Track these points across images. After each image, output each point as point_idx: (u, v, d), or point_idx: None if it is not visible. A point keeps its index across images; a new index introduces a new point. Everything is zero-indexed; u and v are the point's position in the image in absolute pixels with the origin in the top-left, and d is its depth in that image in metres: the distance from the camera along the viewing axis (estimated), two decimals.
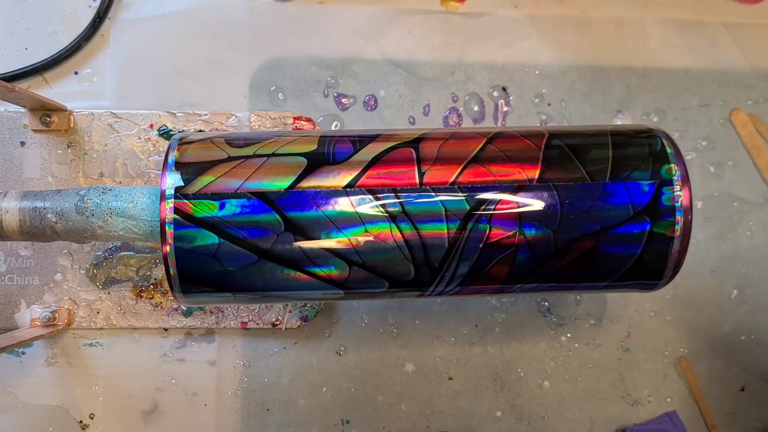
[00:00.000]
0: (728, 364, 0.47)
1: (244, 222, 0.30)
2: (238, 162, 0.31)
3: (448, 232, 0.31)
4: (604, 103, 0.47)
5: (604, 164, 0.32)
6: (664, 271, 0.32)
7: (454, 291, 0.32)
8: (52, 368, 0.44)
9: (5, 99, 0.39)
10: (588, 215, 0.31)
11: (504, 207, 0.31)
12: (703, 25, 0.48)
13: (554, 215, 0.31)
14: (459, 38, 0.47)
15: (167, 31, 0.45)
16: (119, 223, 0.33)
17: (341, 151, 0.32)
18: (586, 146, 0.32)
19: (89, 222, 0.33)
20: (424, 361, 0.45)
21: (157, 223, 0.33)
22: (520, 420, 0.46)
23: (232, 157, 0.32)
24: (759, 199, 0.47)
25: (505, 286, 0.32)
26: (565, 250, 0.31)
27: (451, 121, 0.46)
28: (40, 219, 0.33)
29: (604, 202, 0.31)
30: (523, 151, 0.32)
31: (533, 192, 0.31)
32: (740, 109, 0.48)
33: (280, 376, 0.45)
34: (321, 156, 0.32)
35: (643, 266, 0.32)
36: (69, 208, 0.33)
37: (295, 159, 0.31)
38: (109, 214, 0.33)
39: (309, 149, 0.32)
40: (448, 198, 0.31)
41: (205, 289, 0.31)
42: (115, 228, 0.33)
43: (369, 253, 0.31)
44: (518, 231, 0.31)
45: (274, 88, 0.46)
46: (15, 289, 0.43)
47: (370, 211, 0.30)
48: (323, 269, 0.31)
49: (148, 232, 0.33)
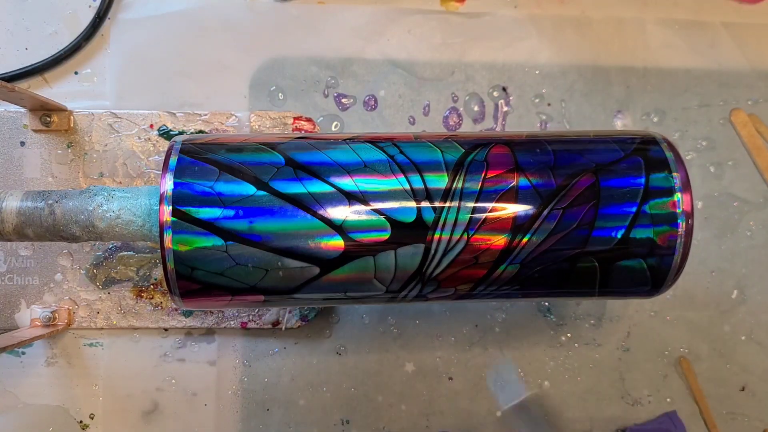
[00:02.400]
0: (728, 364, 0.47)
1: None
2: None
3: (446, 169, 0.32)
4: (604, 103, 0.47)
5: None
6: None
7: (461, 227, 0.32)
8: (52, 368, 0.44)
9: (5, 99, 0.39)
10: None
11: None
12: (703, 25, 0.48)
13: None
14: (459, 38, 0.47)
15: (167, 31, 0.46)
16: (119, 224, 0.33)
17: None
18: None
19: (88, 222, 0.33)
20: (424, 361, 0.45)
21: (156, 224, 0.33)
22: (520, 420, 0.46)
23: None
24: (759, 199, 0.47)
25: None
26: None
27: (451, 121, 0.46)
28: (39, 220, 0.33)
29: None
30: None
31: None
32: (740, 109, 0.48)
33: (280, 376, 0.45)
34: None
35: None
36: (68, 209, 0.33)
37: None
38: (109, 215, 0.33)
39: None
40: (445, 146, 0.32)
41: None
42: (114, 229, 0.33)
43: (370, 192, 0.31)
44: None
45: (274, 88, 0.46)
46: (15, 289, 0.43)
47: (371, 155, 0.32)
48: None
49: (148, 233, 0.33)
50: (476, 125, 0.47)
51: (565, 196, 0.31)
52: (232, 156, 0.32)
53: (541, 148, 0.33)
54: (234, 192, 0.31)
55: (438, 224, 0.31)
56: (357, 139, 0.33)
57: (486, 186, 0.31)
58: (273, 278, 0.31)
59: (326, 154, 0.32)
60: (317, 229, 0.31)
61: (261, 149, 0.32)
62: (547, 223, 0.31)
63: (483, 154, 0.32)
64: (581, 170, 0.32)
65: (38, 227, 0.33)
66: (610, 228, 0.31)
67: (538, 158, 0.32)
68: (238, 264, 0.31)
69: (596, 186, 0.31)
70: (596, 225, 0.31)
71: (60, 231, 0.33)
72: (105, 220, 0.33)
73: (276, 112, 0.44)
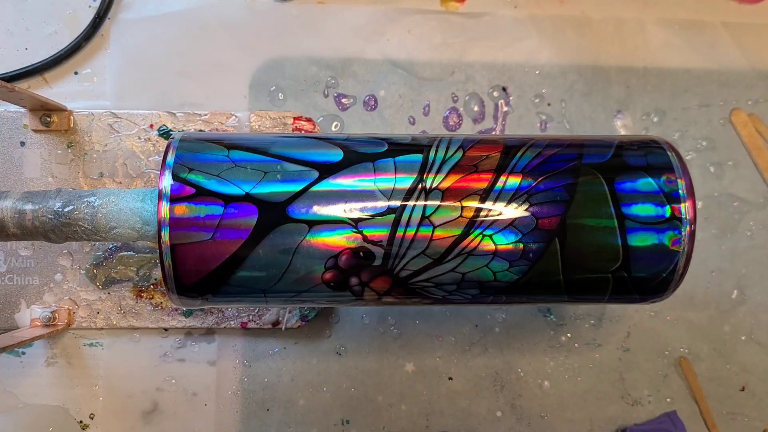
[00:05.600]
0: (728, 364, 0.47)
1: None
2: (239, 162, 0.31)
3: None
4: (604, 103, 0.47)
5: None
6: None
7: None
8: (52, 368, 0.44)
9: (5, 99, 0.39)
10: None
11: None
12: (703, 25, 0.48)
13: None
14: (459, 38, 0.47)
15: (167, 31, 0.45)
16: (118, 224, 0.33)
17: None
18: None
19: (89, 223, 0.33)
20: (424, 361, 0.45)
21: (155, 223, 0.33)
22: (520, 420, 0.46)
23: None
24: (759, 199, 0.47)
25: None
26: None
27: (451, 122, 0.46)
28: (39, 220, 0.33)
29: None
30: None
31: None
32: (740, 109, 0.48)
33: (280, 376, 0.45)
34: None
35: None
36: (67, 209, 0.33)
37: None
38: (109, 215, 0.33)
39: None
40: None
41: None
42: (114, 229, 0.33)
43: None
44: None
45: (274, 88, 0.46)
46: (15, 289, 0.43)
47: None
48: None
49: (147, 232, 0.33)
50: (476, 125, 0.47)
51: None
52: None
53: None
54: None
55: (435, 141, 0.33)
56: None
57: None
58: (270, 182, 0.31)
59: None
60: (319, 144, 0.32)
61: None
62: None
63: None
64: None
65: (37, 228, 0.33)
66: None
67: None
68: (236, 165, 0.31)
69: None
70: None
71: (60, 231, 0.33)
72: (104, 220, 0.33)
73: (276, 112, 0.44)
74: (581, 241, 0.31)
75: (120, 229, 0.33)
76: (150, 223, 0.33)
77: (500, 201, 0.31)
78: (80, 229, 0.33)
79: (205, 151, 0.32)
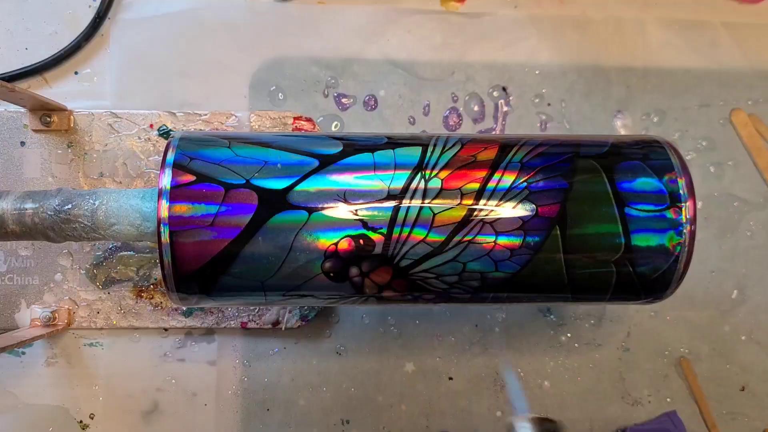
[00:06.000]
0: (728, 364, 0.47)
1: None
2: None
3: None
4: (604, 103, 0.47)
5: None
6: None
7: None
8: (52, 368, 0.44)
9: (5, 99, 0.39)
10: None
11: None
12: (703, 25, 0.48)
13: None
14: (459, 38, 0.47)
15: (167, 31, 0.46)
16: (118, 221, 0.33)
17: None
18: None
19: (89, 219, 0.33)
20: (424, 361, 0.45)
21: (154, 219, 0.33)
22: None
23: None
24: (759, 199, 0.47)
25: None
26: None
27: (451, 121, 0.46)
28: (39, 217, 0.33)
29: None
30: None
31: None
32: (740, 110, 0.48)
33: (280, 376, 0.45)
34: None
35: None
36: (68, 206, 0.33)
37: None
38: (109, 212, 0.33)
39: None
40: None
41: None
42: (113, 225, 0.33)
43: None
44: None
45: (274, 88, 0.46)
46: (15, 289, 0.43)
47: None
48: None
49: (147, 229, 0.33)
50: (476, 125, 0.47)
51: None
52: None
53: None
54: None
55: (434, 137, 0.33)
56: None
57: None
58: (271, 170, 0.31)
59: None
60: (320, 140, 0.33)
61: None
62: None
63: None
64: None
65: (37, 228, 0.33)
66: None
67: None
68: (237, 155, 0.31)
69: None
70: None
71: (59, 228, 0.33)
72: (103, 220, 0.33)
73: (276, 112, 0.44)
74: (582, 230, 0.31)
75: (119, 226, 0.33)
76: (150, 219, 0.33)
77: (500, 189, 0.31)
78: (80, 226, 0.33)
79: (207, 145, 0.32)
